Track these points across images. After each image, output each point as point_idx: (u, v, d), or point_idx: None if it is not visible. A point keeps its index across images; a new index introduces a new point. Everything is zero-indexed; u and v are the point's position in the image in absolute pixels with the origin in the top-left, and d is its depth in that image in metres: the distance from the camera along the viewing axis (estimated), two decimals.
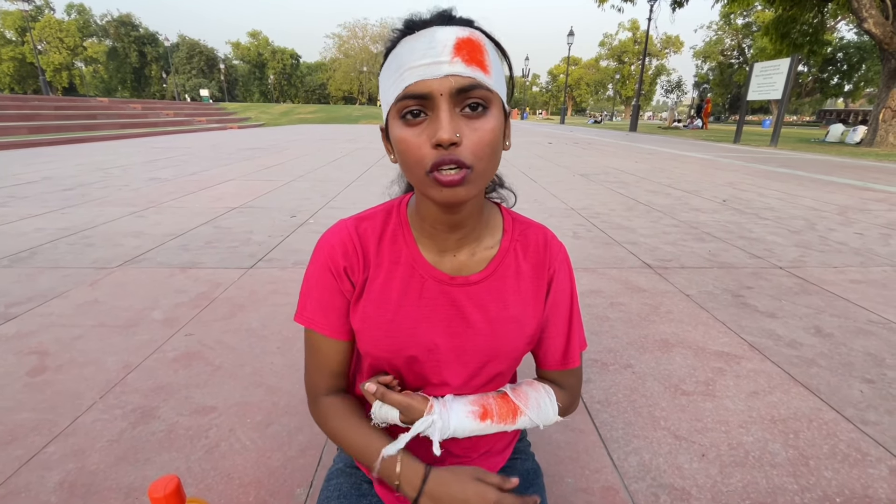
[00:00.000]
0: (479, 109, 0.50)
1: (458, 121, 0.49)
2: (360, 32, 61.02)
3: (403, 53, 0.50)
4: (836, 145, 14.01)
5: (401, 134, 0.51)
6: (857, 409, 1.39)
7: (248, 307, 2.02)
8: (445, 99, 0.48)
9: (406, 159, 0.51)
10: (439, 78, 0.48)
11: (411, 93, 0.48)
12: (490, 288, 0.64)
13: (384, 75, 0.54)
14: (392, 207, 0.67)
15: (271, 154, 8.59)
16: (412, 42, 0.49)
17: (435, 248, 0.63)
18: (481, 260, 0.65)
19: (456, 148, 0.49)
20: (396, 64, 0.50)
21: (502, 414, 0.67)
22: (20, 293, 2.12)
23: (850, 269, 2.66)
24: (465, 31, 0.49)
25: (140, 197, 4.40)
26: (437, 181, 0.50)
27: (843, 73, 37.08)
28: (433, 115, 0.49)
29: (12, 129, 10.70)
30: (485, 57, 0.50)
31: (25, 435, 1.22)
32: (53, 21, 52.38)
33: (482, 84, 0.49)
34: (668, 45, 56.81)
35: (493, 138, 0.51)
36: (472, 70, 0.48)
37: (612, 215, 3.93)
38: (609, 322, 1.94)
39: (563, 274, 0.69)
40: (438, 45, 0.48)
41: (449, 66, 0.47)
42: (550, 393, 0.70)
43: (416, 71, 0.48)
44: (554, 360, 0.71)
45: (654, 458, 1.18)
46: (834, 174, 7.02)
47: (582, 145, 12.08)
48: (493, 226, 0.66)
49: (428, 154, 0.49)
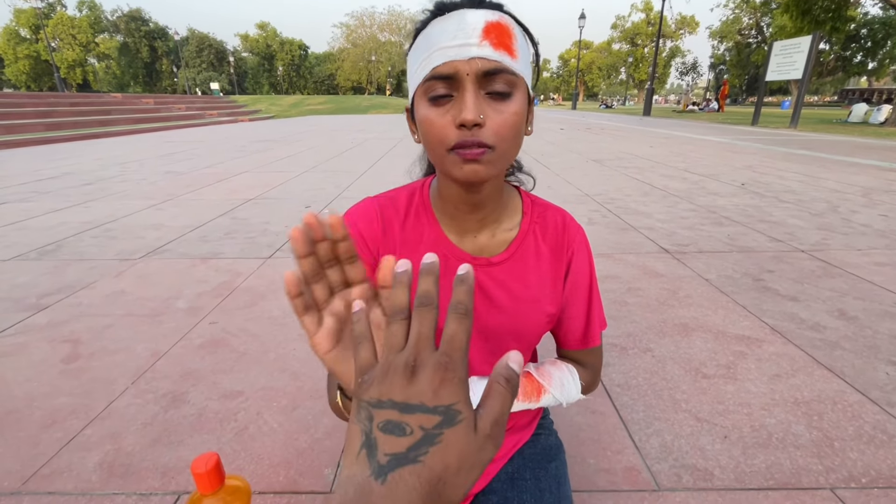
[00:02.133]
0: (504, 93, 0.50)
1: (482, 102, 0.50)
2: (367, 21, 60.61)
3: (433, 34, 0.50)
4: (860, 126, 13.58)
5: (426, 113, 0.51)
6: (883, 391, 1.37)
7: (268, 296, 2.06)
8: (471, 80, 0.49)
9: (430, 138, 0.52)
10: (467, 59, 0.48)
11: (438, 73, 0.49)
12: (511, 269, 0.65)
13: (413, 56, 0.54)
14: (415, 189, 0.68)
15: (283, 146, 8.64)
16: (442, 23, 0.50)
17: (456, 229, 0.64)
18: (501, 241, 0.66)
19: (479, 129, 0.49)
20: (425, 44, 0.51)
21: (527, 392, 0.68)
22: (50, 285, 2.19)
23: (874, 251, 2.60)
24: (494, 14, 0.49)
25: (158, 190, 4.48)
26: (458, 157, 0.51)
27: (866, 51, 35.72)
28: (458, 96, 0.50)
29: (30, 126, 10.93)
30: (513, 41, 0.50)
31: (64, 418, 1.27)
32: (66, 18, 52.94)
33: (508, 68, 0.49)
34: (682, 26, 55.24)
35: (516, 121, 0.51)
36: (500, 54, 0.49)
37: (627, 201, 3.88)
38: (627, 307, 1.94)
39: (582, 255, 0.70)
40: (468, 27, 0.48)
41: (477, 49, 0.48)
42: (573, 371, 0.71)
43: (445, 52, 0.49)
44: (574, 340, 0.72)
45: (675, 440, 1.19)
46: (857, 155, 6.81)
47: (595, 131, 11.90)
48: (513, 208, 0.67)
49: (451, 134, 0.50)
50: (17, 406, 1.32)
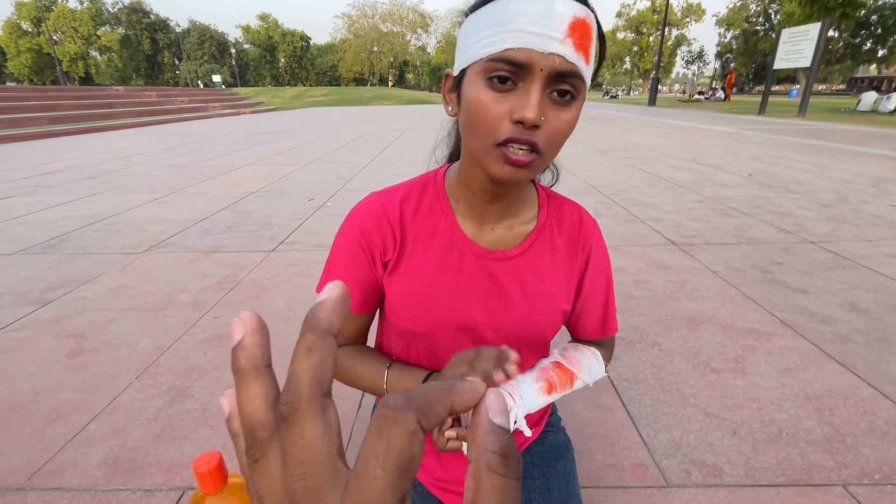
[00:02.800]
0: (568, 98, 0.48)
1: (545, 103, 0.47)
2: (369, 11, 60.08)
3: (513, 10, 0.45)
4: (869, 114, 13.36)
5: (481, 96, 0.47)
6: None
7: (271, 289, 2.05)
8: (543, 76, 0.45)
9: (477, 124, 0.49)
10: (545, 53, 0.44)
11: (510, 58, 0.45)
12: (527, 262, 0.64)
13: (477, 22, 0.48)
14: (428, 180, 0.65)
15: (285, 138, 8.60)
16: (527, 2, 0.44)
17: (474, 220, 0.62)
18: (519, 234, 0.64)
19: (535, 130, 0.47)
20: (499, 17, 0.45)
21: (563, 383, 0.68)
22: (54, 279, 2.19)
23: (885, 242, 2.56)
24: (583, 10, 0.45)
25: (161, 183, 4.47)
26: (504, 156, 0.48)
27: (876, 38, 35.11)
28: (523, 88, 0.46)
29: (34, 119, 10.92)
30: (591, 45, 0.47)
31: (68, 413, 1.27)
32: (67, 10, 52.78)
33: (581, 74, 0.46)
34: (688, 14, 54.40)
35: (569, 130, 0.49)
36: (578, 57, 0.45)
37: (633, 192, 3.84)
38: (634, 300, 1.91)
39: (600, 249, 0.69)
40: (555, 17, 0.44)
41: (559, 45, 0.44)
42: (596, 353, 0.71)
43: (523, 37, 0.44)
44: (593, 330, 0.71)
45: (684, 435, 1.17)
46: (867, 144, 6.71)
47: (600, 121, 11.78)
48: (530, 201, 0.66)
49: (504, 126, 0.47)
50: (22, 401, 1.32)
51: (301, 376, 0.15)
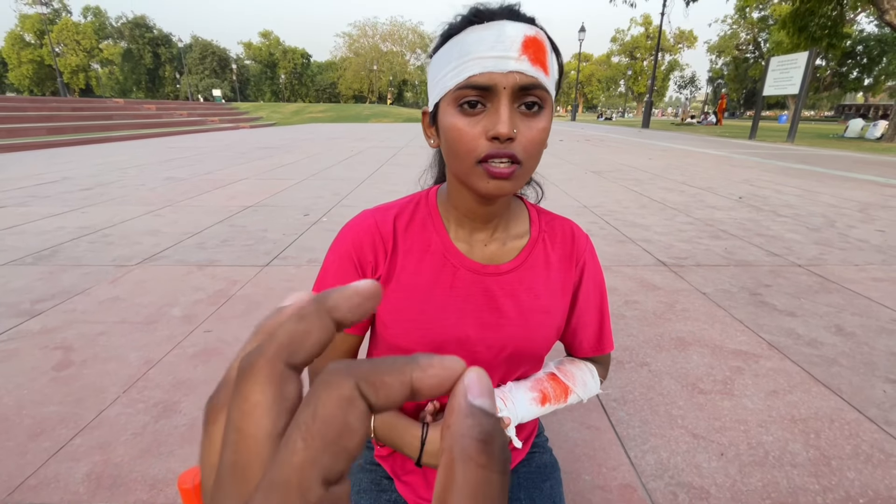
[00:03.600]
0: (536, 108, 0.51)
1: (515, 116, 0.50)
2: (370, 31, 61.20)
3: (469, 42, 0.49)
4: (856, 141, 13.69)
5: (456, 122, 0.51)
6: (881, 409, 1.37)
7: (264, 304, 2.05)
8: (508, 94, 0.49)
9: (457, 148, 0.52)
10: (505, 72, 0.48)
11: (475, 83, 0.49)
12: (521, 278, 0.65)
13: (440, 60, 0.53)
14: (420, 198, 0.67)
15: (283, 153, 8.67)
16: (480, 32, 0.49)
17: (465, 237, 0.64)
18: (511, 249, 0.65)
19: (510, 143, 0.50)
20: (460, 51, 0.50)
21: (557, 395, 0.69)
22: (44, 290, 2.18)
23: (871, 266, 2.61)
24: (532, 29, 0.49)
25: (157, 196, 4.48)
26: (487, 172, 0.51)
27: (862, 67, 36.19)
28: (492, 108, 0.50)
29: (32, 130, 10.95)
30: (547, 58, 0.51)
31: (53, 427, 1.26)
32: (70, 24, 53.38)
33: (542, 84, 0.50)
34: (681, 40, 55.92)
35: (543, 137, 0.52)
36: (537, 70, 0.49)
37: (625, 213, 3.90)
38: (624, 320, 1.93)
39: (593, 264, 0.71)
40: (507, 39, 0.48)
41: (516, 63, 0.48)
42: (592, 369, 0.72)
43: (483, 62, 0.48)
44: (590, 346, 0.72)
45: (671, 457, 1.18)
46: (854, 170, 6.86)
47: (593, 142, 11.97)
48: (520, 216, 0.67)
49: (482, 145, 0.50)
50: (6, 414, 1.31)
51: (276, 334, 0.12)
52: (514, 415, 0.64)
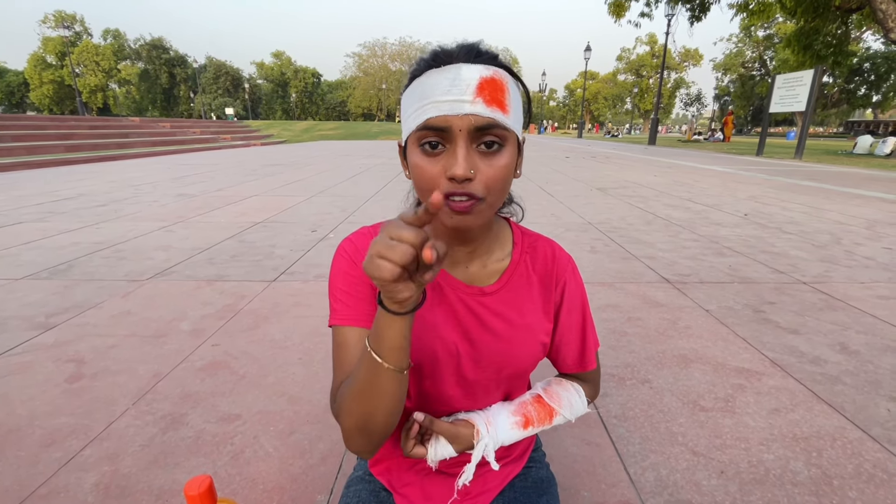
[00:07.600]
0: (495, 147, 0.53)
1: (473, 157, 0.52)
2: (379, 51, 62.58)
3: (427, 85, 0.52)
4: (865, 157, 13.61)
5: (418, 161, 0.54)
6: (885, 428, 1.36)
7: (271, 319, 2.09)
8: (464, 135, 0.51)
9: (421, 185, 0.55)
10: (460, 116, 0.50)
11: (432, 125, 0.51)
12: (505, 298, 0.68)
13: (407, 99, 0.56)
14: None
15: (293, 170, 8.83)
16: (437, 76, 0.51)
17: (448, 259, 0.66)
18: (493, 272, 0.68)
19: (469, 182, 0.52)
20: (420, 93, 0.53)
21: (541, 418, 0.71)
22: (58, 304, 2.24)
23: (877, 284, 2.59)
24: (488, 70, 0.51)
25: (169, 212, 4.58)
26: (448, 207, 0.53)
27: (870, 84, 36.18)
28: (450, 149, 0.52)
29: (51, 147, 11.29)
30: (505, 96, 0.53)
31: (64, 438, 1.29)
32: (91, 46, 55.26)
33: (500, 124, 0.52)
34: (686, 59, 56.40)
35: (505, 174, 0.54)
36: (492, 111, 0.51)
37: (630, 229, 3.91)
38: (626, 337, 1.94)
39: (574, 282, 0.73)
40: (462, 83, 0.50)
41: (470, 106, 0.50)
42: (579, 389, 0.74)
43: (439, 106, 0.51)
44: (573, 363, 0.75)
45: (671, 474, 1.18)
46: (862, 187, 6.83)
47: (600, 159, 12.04)
48: (503, 239, 0.70)
49: (442, 184, 0.52)
50: (19, 424, 1.34)
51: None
52: (494, 439, 0.66)
